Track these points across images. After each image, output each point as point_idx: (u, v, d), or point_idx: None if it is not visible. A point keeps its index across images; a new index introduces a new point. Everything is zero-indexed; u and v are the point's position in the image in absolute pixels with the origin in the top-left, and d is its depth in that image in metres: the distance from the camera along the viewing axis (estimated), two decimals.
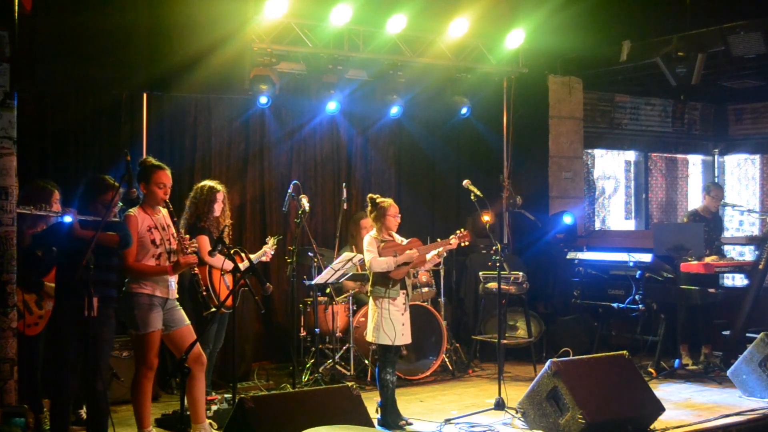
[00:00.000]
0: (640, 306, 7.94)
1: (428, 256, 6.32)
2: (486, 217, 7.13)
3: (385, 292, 6.05)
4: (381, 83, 8.84)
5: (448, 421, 6.21)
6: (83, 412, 5.95)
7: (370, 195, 6.33)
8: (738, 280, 9.82)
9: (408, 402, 6.80)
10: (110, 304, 5.14)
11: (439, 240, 6.56)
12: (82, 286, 4.79)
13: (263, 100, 8.02)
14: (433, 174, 9.65)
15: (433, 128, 9.57)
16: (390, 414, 6.12)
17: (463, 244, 6.37)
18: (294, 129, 8.73)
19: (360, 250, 8.10)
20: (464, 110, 9.18)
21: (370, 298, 6.16)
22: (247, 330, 7.90)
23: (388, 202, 6.25)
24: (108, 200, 5.08)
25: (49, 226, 5.27)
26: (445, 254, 6.62)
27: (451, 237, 6.32)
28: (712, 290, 7.96)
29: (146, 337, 5.24)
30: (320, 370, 7.32)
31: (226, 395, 6.31)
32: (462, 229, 6.39)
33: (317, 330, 7.41)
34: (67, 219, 4.98)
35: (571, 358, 6.91)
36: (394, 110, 8.96)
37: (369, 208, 6.28)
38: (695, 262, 7.83)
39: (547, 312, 9.26)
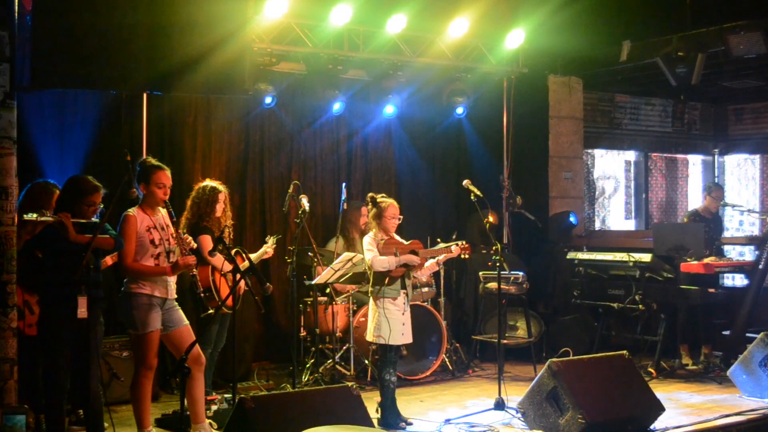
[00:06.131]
0: (640, 306, 7.94)
1: (426, 264, 6.29)
2: (491, 218, 7.15)
3: (385, 291, 6.04)
4: (381, 83, 8.84)
5: (448, 421, 6.21)
6: (83, 412, 5.95)
7: (370, 194, 6.28)
8: (738, 280, 9.81)
9: (408, 402, 6.79)
10: (100, 305, 5.15)
11: (439, 241, 6.55)
12: (76, 287, 4.80)
13: (268, 100, 8.06)
14: (433, 174, 9.65)
15: (433, 128, 9.57)
16: (390, 414, 6.11)
17: (463, 257, 6.33)
18: (294, 129, 8.73)
19: (350, 237, 8.13)
20: (460, 110, 9.19)
21: (371, 298, 6.15)
22: (247, 330, 7.91)
23: (388, 202, 6.16)
24: (93, 201, 5.09)
25: (45, 229, 5.24)
26: (442, 264, 6.59)
27: (452, 245, 6.29)
28: (712, 290, 7.95)
29: (145, 337, 5.24)
30: (320, 370, 7.32)
31: (226, 395, 6.31)
32: (464, 242, 6.37)
33: (317, 330, 7.41)
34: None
35: (571, 358, 6.91)
36: (394, 110, 8.97)
37: (369, 206, 6.25)
38: (695, 262, 7.83)
39: (547, 312, 9.26)
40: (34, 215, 5.05)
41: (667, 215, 12.71)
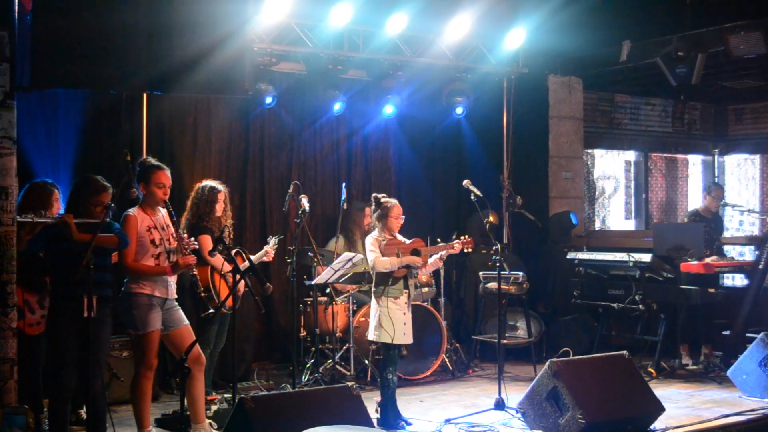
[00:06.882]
0: (640, 306, 7.94)
1: (430, 260, 6.29)
2: (491, 218, 7.14)
3: (387, 291, 6.04)
4: (381, 83, 8.85)
5: (448, 421, 6.20)
6: (83, 412, 5.95)
7: (374, 194, 6.29)
8: (738, 280, 9.82)
9: (408, 402, 6.79)
10: (107, 304, 5.16)
11: (439, 241, 6.55)
12: (81, 286, 4.80)
13: (268, 100, 8.06)
14: (433, 174, 9.64)
15: (432, 128, 9.57)
16: (390, 414, 6.11)
17: (466, 250, 6.33)
18: (294, 129, 8.73)
19: (353, 237, 8.13)
20: (459, 110, 9.19)
21: (372, 297, 6.16)
22: (247, 330, 7.90)
23: (392, 202, 6.19)
24: (101, 201, 5.10)
25: (45, 228, 5.24)
26: (444, 258, 6.59)
27: (455, 241, 6.29)
28: (712, 290, 7.95)
29: (145, 337, 5.24)
30: (320, 370, 7.32)
31: (226, 395, 6.31)
32: (466, 236, 6.36)
33: (317, 330, 7.41)
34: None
35: (571, 358, 6.91)
36: (393, 110, 8.97)
37: (373, 207, 6.26)
38: (695, 262, 7.82)
39: (547, 312, 9.26)
40: (30, 216, 5.06)
41: (667, 215, 12.71)
